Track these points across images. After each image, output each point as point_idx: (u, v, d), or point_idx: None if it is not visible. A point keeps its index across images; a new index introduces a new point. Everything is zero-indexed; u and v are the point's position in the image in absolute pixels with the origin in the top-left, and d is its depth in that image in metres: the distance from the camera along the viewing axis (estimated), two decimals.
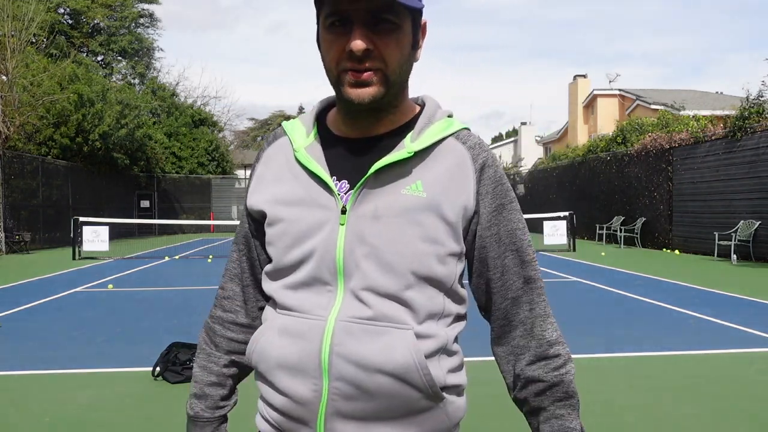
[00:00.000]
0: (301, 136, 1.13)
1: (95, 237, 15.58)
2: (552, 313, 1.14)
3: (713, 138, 14.93)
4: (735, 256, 13.20)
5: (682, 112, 21.45)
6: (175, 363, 4.63)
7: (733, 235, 13.41)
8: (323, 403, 1.02)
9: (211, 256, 16.21)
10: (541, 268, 12.18)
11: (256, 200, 1.13)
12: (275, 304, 1.11)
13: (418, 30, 1.06)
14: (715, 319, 6.86)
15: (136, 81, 34.76)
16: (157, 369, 4.68)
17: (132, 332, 6.44)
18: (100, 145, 22.86)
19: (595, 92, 31.10)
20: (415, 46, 1.06)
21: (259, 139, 69.45)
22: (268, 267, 1.14)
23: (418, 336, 1.02)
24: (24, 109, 19.57)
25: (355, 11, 0.97)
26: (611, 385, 4.50)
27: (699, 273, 11.37)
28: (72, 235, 15.59)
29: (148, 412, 3.97)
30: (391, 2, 0.97)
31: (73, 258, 15.02)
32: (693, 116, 18.86)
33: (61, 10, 31.76)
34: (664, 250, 16.63)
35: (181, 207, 31.71)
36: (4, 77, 19.60)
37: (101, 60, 34.00)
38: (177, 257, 16.12)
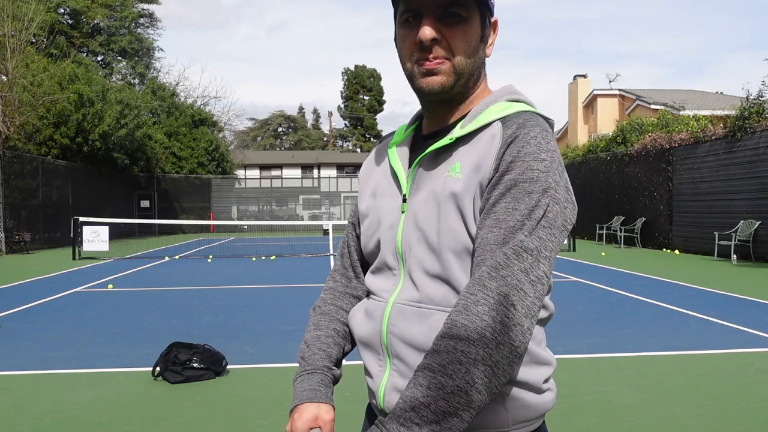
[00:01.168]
0: (399, 135, 1.24)
1: (95, 237, 15.58)
2: (531, 310, 0.98)
3: (713, 138, 14.93)
4: (735, 256, 13.19)
5: (682, 112, 21.45)
6: (175, 363, 4.63)
7: (733, 235, 13.41)
8: (385, 377, 1.12)
9: (211, 256, 16.21)
10: None
11: (359, 199, 1.29)
12: (366, 291, 1.25)
13: (486, 26, 1.13)
14: (715, 319, 6.85)
15: (136, 81, 34.75)
16: (157, 369, 4.68)
17: (132, 332, 6.44)
18: (100, 145, 22.85)
19: (595, 92, 31.09)
20: (485, 40, 1.13)
21: (259, 139, 69.40)
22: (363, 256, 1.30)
23: None
24: (24, 109, 19.57)
25: (425, 6, 1.06)
26: (611, 385, 4.50)
27: (699, 273, 11.37)
28: (72, 235, 15.59)
29: (148, 412, 3.97)
30: None
31: (73, 258, 15.02)
32: (693, 116, 18.85)
33: (61, 10, 31.76)
34: (664, 250, 16.63)
35: (181, 207, 31.71)
36: (4, 77, 19.60)
37: (101, 60, 33.99)
38: (177, 257, 16.12)
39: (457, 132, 1.09)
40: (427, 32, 1.05)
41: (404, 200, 1.13)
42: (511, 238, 0.99)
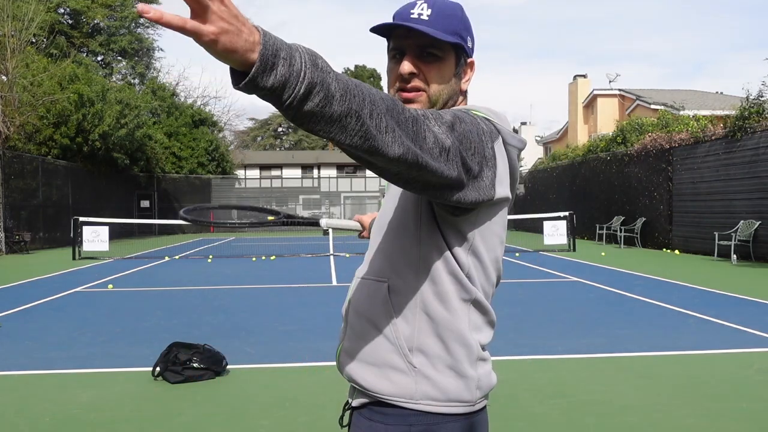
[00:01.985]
0: None
1: (95, 237, 15.58)
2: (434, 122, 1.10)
3: (713, 138, 14.93)
4: (735, 256, 13.19)
5: (682, 112, 21.43)
6: (175, 363, 4.63)
7: (733, 235, 13.41)
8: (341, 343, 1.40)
9: (211, 256, 16.22)
10: (541, 268, 12.21)
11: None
12: None
13: (461, 64, 1.33)
14: (715, 319, 6.85)
15: (136, 81, 34.76)
16: (157, 369, 4.68)
17: (132, 332, 6.44)
18: (100, 145, 22.85)
19: (595, 92, 31.09)
20: (458, 76, 1.33)
21: (259, 139, 69.41)
22: None
23: (391, 288, 1.27)
24: (24, 109, 19.57)
25: (408, 45, 1.27)
26: (611, 385, 4.50)
27: (699, 273, 11.37)
28: (72, 235, 15.58)
29: (148, 412, 3.97)
30: (432, 40, 1.24)
31: (73, 258, 15.02)
32: (693, 116, 18.85)
33: (61, 10, 31.76)
34: (664, 250, 16.63)
35: (181, 207, 31.44)
36: (4, 77, 19.60)
37: (101, 60, 34.01)
38: (177, 257, 16.12)
39: None
40: (405, 67, 1.26)
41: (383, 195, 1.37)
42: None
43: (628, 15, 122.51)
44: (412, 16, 1.26)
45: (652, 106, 25.64)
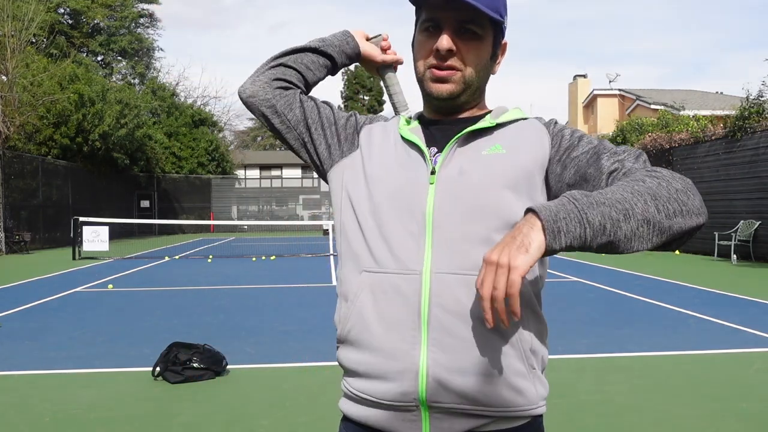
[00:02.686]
0: (401, 124, 1.29)
1: (95, 237, 15.57)
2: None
3: (713, 138, 14.93)
4: (735, 256, 13.19)
5: (682, 112, 21.43)
6: (175, 363, 4.63)
7: (733, 235, 13.41)
8: (423, 356, 1.10)
9: (211, 256, 16.22)
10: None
11: (364, 156, 1.26)
12: (357, 265, 1.18)
13: (498, 45, 1.23)
14: (715, 319, 6.85)
15: (136, 81, 34.75)
16: (157, 369, 4.68)
17: (132, 332, 6.44)
18: (100, 145, 22.86)
19: (595, 92, 31.08)
20: (494, 58, 1.23)
21: (259, 139, 69.37)
22: (348, 224, 1.22)
23: None
24: (24, 109, 19.56)
25: (445, 19, 1.16)
26: (611, 385, 4.50)
27: (699, 273, 11.37)
28: (72, 235, 15.59)
29: (148, 412, 3.97)
30: (475, 14, 1.14)
31: (73, 258, 15.02)
32: (693, 116, 18.85)
33: (61, 10, 31.75)
34: None
35: (181, 207, 31.71)
36: (4, 77, 19.60)
37: (101, 60, 34.00)
38: (177, 257, 16.12)
39: (489, 121, 1.20)
40: (445, 43, 1.14)
41: (432, 172, 1.16)
42: (624, 158, 1.14)
43: (628, 15, 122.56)
44: None
45: (652, 106, 25.63)
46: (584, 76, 33.17)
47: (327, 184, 1.33)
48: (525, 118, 1.24)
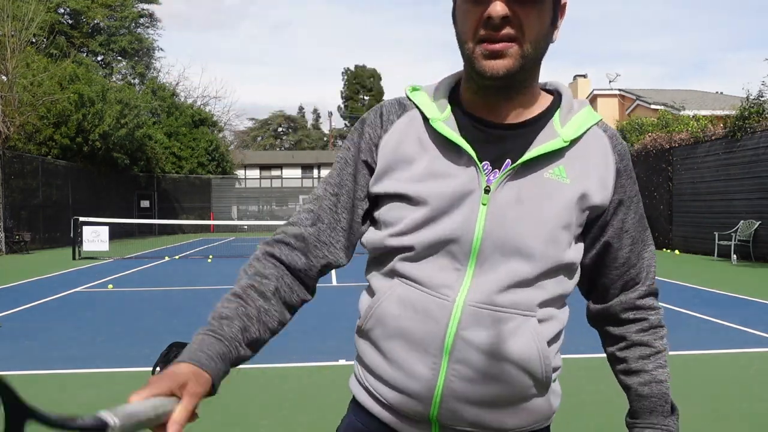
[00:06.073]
0: (433, 111, 1.07)
1: (95, 237, 15.57)
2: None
3: (713, 138, 14.93)
4: (735, 256, 13.19)
5: (682, 112, 21.43)
6: None
7: (733, 235, 13.41)
8: (440, 382, 1.02)
9: (211, 256, 16.21)
10: None
11: (387, 185, 1.06)
12: (393, 272, 1.06)
13: (558, 6, 1.02)
14: (715, 319, 6.85)
15: (136, 81, 34.75)
16: (157, 369, 4.64)
17: (132, 332, 6.44)
18: (100, 145, 22.86)
19: (595, 92, 31.07)
20: (554, 23, 1.02)
21: (259, 139, 69.43)
22: (390, 234, 1.05)
23: (540, 321, 1.03)
24: (24, 109, 19.57)
25: None
26: (611, 385, 4.48)
27: (699, 273, 11.37)
28: (72, 235, 15.59)
29: None
30: None
31: (73, 258, 15.02)
32: (693, 116, 18.85)
33: (61, 10, 31.75)
34: (664, 250, 16.62)
35: (181, 207, 31.71)
36: (4, 77, 19.60)
37: (101, 60, 33.99)
38: (177, 257, 16.12)
39: (569, 135, 1.03)
40: (498, 8, 0.93)
41: (486, 191, 1.00)
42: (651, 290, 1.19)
43: (627, 15, 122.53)
44: None
45: (652, 106, 25.62)
46: (584, 76, 33.18)
47: None
48: (593, 124, 1.08)
